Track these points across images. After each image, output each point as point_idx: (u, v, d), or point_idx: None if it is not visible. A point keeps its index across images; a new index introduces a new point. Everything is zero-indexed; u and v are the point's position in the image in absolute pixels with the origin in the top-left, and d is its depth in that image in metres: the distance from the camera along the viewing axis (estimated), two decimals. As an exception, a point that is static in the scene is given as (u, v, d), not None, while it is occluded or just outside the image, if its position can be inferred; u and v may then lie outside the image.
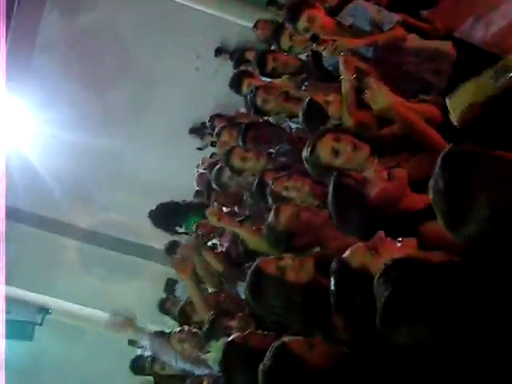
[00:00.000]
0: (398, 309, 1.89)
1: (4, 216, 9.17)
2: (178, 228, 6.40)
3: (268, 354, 2.44)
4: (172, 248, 6.57)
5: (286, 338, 2.48)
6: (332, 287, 2.34)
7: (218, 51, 9.32)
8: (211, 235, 5.47)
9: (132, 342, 8.30)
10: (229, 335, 3.19)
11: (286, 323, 2.92)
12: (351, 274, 2.28)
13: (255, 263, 2.92)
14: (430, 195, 1.85)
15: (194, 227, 5.35)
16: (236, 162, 4.80)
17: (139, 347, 7.65)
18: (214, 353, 3.39)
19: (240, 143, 5.05)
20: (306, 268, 2.78)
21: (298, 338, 2.46)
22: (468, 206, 1.73)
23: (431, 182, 1.84)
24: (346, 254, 2.38)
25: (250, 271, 2.91)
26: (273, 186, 3.88)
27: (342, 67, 3.61)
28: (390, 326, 1.94)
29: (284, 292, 2.75)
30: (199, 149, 9.28)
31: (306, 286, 2.74)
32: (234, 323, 3.76)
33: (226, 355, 2.93)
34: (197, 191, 8.02)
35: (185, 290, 6.27)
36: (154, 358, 5.72)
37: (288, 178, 3.86)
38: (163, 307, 7.24)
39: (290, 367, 2.37)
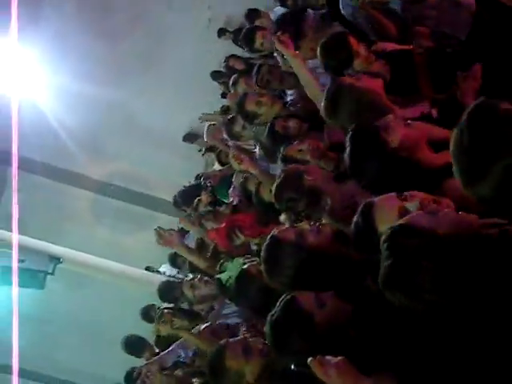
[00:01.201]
0: (396, 280, 1.91)
1: (16, 166, 9.22)
2: None
3: (277, 306, 2.45)
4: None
5: (296, 292, 2.48)
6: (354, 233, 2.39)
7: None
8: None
9: (149, 268, 8.36)
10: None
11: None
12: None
13: (270, 235, 2.82)
14: (451, 148, 1.80)
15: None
16: (250, 106, 4.77)
17: (156, 271, 7.75)
18: (227, 272, 3.40)
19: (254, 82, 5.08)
20: (325, 232, 2.74)
21: (308, 294, 2.45)
22: (488, 164, 1.69)
23: (454, 135, 1.78)
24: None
25: (265, 244, 2.82)
26: (285, 152, 3.89)
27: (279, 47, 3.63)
28: (389, 293, 1.96)
29: (303, 256, 2.67)
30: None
31: (326, 249, 2.69)
32: None
33: (240, 280, 2.97)
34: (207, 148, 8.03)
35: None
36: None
37: (301, 141, 3.87)
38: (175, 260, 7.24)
39: (298, 321, 2.38)
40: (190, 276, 5.22)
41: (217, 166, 7.49)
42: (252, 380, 2.80)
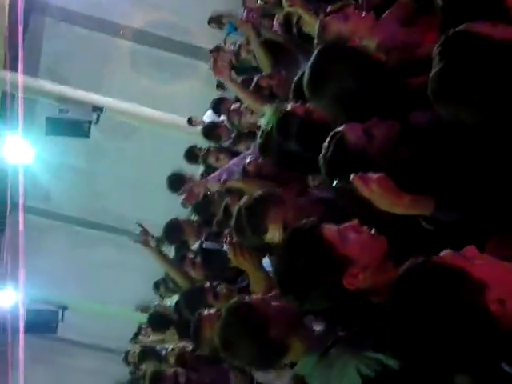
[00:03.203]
0: (447, 86, 1.86)
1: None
2: None
3: (328, 146, 2.42)
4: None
5: (344, 128, 2.44)
6: None
7: None
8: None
9: (190, 120, 8.33)
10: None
11: None
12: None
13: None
14: None
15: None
16: None
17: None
18: (268, 114, 3.35)
19: None
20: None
21: (356, 126, 2.42)
22: None
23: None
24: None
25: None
26: None
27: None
28: (438, 101, 1.92)
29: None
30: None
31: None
32: None
33: (283, 120, 2.93)
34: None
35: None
36: None
37: None
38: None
39: (352, 156, 2.35)
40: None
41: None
42: None
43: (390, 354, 1.84)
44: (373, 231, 2.03)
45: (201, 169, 6.81)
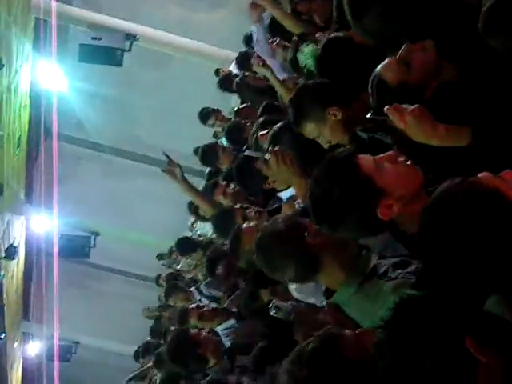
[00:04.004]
0: (499, 19, 1.85)
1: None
2: None
3: (369, 91, 2.42)
4: None
5: (378, 69, 2.41)
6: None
7: None
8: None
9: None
10: None
11: None
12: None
13: None
14: None
15: None
16: None
17: None
18: (305, 55, 3.31)
19: None
20: None
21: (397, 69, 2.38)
22: None
23: None
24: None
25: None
26: None
27: None
28: (490, 33, 1.89)
29: None
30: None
31: None
32: None
33: (327, 46, 2.90)
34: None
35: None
36: None
37: None
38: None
39: (395, 93, 2.34)
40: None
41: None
42: None
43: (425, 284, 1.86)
44: (409, 162, 2.02)
45: (234, 98, 6.77)
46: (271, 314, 3.36)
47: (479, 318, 1.47)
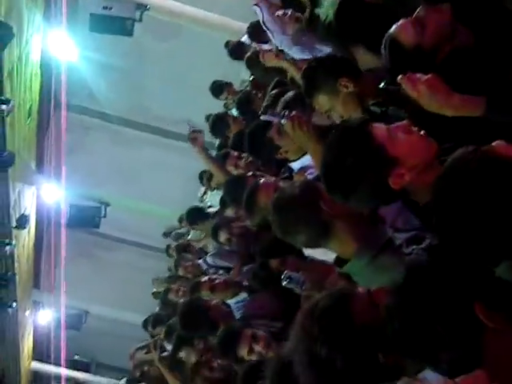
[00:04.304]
0: None
1: None
2: None
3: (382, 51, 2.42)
4: None
5: (392, 29, 2.41)
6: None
7: None
8: None
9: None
10: None
11: None
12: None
13: None
14: None
15: None
16: None
17: None
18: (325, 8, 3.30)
19: None
20: None
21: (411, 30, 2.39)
22: None
23: None
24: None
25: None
26: None
27: None
28: None
29: None
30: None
31: None
32: None
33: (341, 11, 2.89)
34: None
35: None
36: None
37: None
38: None
39: (409, 55, 2.35)
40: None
41: None
42: None
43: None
44: (423, 133, 2.02)
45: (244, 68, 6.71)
46: (283, 284, 3.36)
47: (490, 285, 1.49)
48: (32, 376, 16.31)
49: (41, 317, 14.67)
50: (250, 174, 4.04)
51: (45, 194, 11.82)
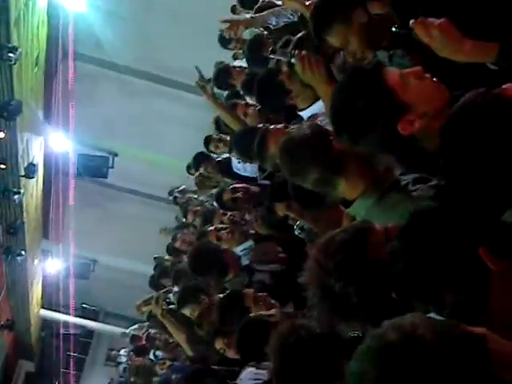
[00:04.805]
0: None
1: None
2: None
3: None
4: None
5: None
6: None
7: None
8: None
9: None
10: None
11: None
12: None
13: None
14: None
15: None
16: None
17: None
18: None
19: None
20: None
21: None
22: None
23: None
24: None
25: None
26: None
27: None
28: None
29: None
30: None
31: None
32: None
33: None
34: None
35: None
36: None
37: None
38: None
39: None
40: None
41: None
42: None
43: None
44: (435, 79, 2.00)
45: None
46: (296, 233, 3.36)
47: (496, 229, 1.49)
48: (41, 323, 16.60)
49: (49, 266, 14.86)
50: (261, 125, 4.01)
51: (53, 144, 11.84)
